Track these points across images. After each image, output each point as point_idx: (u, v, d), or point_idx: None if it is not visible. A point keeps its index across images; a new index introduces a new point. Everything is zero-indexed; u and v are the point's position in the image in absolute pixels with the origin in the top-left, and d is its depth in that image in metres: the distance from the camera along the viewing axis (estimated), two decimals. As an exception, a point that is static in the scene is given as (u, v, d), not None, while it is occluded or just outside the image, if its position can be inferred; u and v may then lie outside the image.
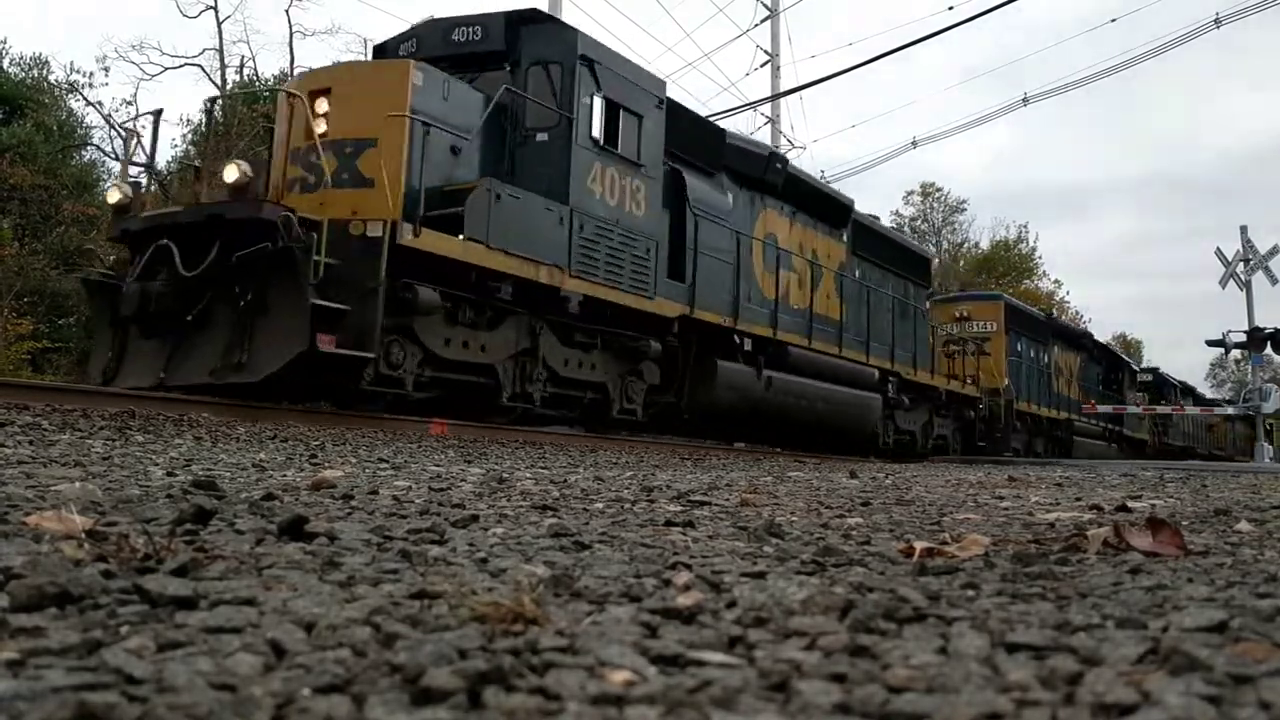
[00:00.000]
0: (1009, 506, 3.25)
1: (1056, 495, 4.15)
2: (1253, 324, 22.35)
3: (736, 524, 2.26)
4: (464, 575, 1.32)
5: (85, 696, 0.72)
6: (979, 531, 2.14)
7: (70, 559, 1.29)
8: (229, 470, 3.42)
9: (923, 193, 44.32)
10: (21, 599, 1.04)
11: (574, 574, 1.37)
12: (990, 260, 43.79)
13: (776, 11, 24.22)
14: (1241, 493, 4.64)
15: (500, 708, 0.75)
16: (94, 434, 4.76)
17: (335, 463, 4.41)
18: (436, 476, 3.72)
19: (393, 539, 1.69)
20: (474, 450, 6.84)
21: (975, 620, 1.09)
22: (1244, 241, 22.62)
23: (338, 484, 2.88)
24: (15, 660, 0.83)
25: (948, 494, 4.00)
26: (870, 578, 1.42)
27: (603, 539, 1.85)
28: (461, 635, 0.96)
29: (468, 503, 2.58)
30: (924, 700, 0.77)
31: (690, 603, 1.15)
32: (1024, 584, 1.37)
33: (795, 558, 1.66)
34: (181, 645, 0.90)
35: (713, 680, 0.82)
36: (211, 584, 1.17)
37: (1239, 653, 0.91)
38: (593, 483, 3.89)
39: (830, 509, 2.90)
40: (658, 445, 10.09)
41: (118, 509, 1.93)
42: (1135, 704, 0.76)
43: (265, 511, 2.00)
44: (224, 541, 1.54)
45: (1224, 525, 2.48)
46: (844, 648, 0.95)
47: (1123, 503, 3.35)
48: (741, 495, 3.36)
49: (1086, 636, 1.00)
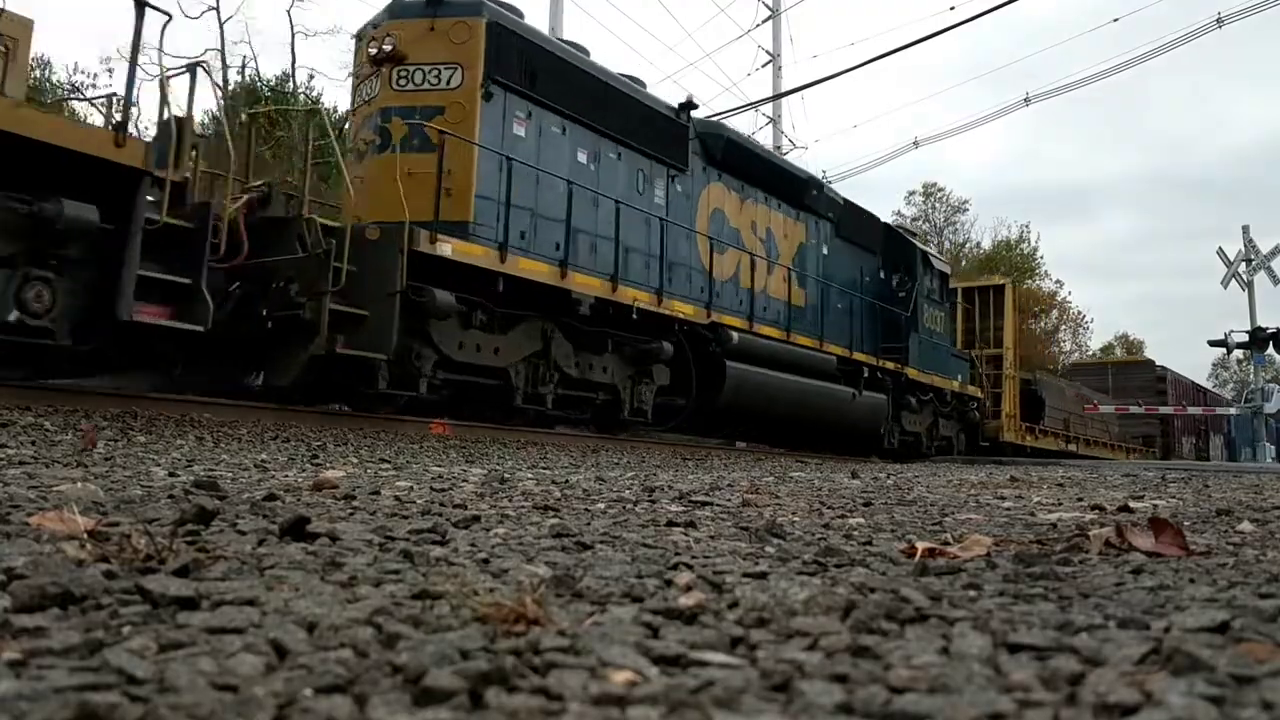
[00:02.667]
0: (1011, 507, 3.25)
1: (1058, 495, 4.15)
2: (1255, 324, 22.33)
3: (738, 524, 2.26)
4: (466, 576, 1.32)
5: (87, 697, 0.72)
6: (981, 532, 2.13)
7: (72, 559, 1.29)
8: (231, 470, 3.42)
9: (925, 193, 44.35)
10: (24, 599, 1.04)
11: (576, 574, 1.36)
12: (992, 260, 43.76)
13: (778, 11, 24.25)
14: (1244, 493, 4.64)
15: (502, 708, 0.75)
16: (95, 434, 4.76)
17: (337, 463, 4.42)
18: (438, 477, 3.73)
19: (394, 539, 1.69)
20: (475, 451, 6.84)
21: (977, 621, 1.09)
22: (1246, 241, 22.61)
23: (339, 484, 2.88)
24: (17, 660, 0.83)
25: (949, 494, 4.00)
26: (872, 578, 1.41)
27: (604, 539, 1.85)
28: (463, 636, 0.96)
29: (469, 503, 2.58)
30: (926, 701, 0.77)
31: (692, 603, 1.15)
32: (1026, 584, 1.37)
33: (797, 558, 1.66)
34: (183, 646, 0.90)
35: (715, 681, 0.82)
36: (213, 584, 1.17)
37: (1241, 653, 0.91)
38: (594, 483, 3.89)
39: (832, 509, 2.90)
40: (659, 445, 10.09)
41: (120, 509, 1.93)
42: (1137, 704, 0.76)
43: (267, 512, 2.00)
44: (226, 542, 1.54)
45: (1226, 525, 2.48)
46: (846, 648, 0.95)
47: (1125, 503, 3.35)
48: (743, 495, 3.36)
49: (1089, 637, 1.00)
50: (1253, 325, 22.14)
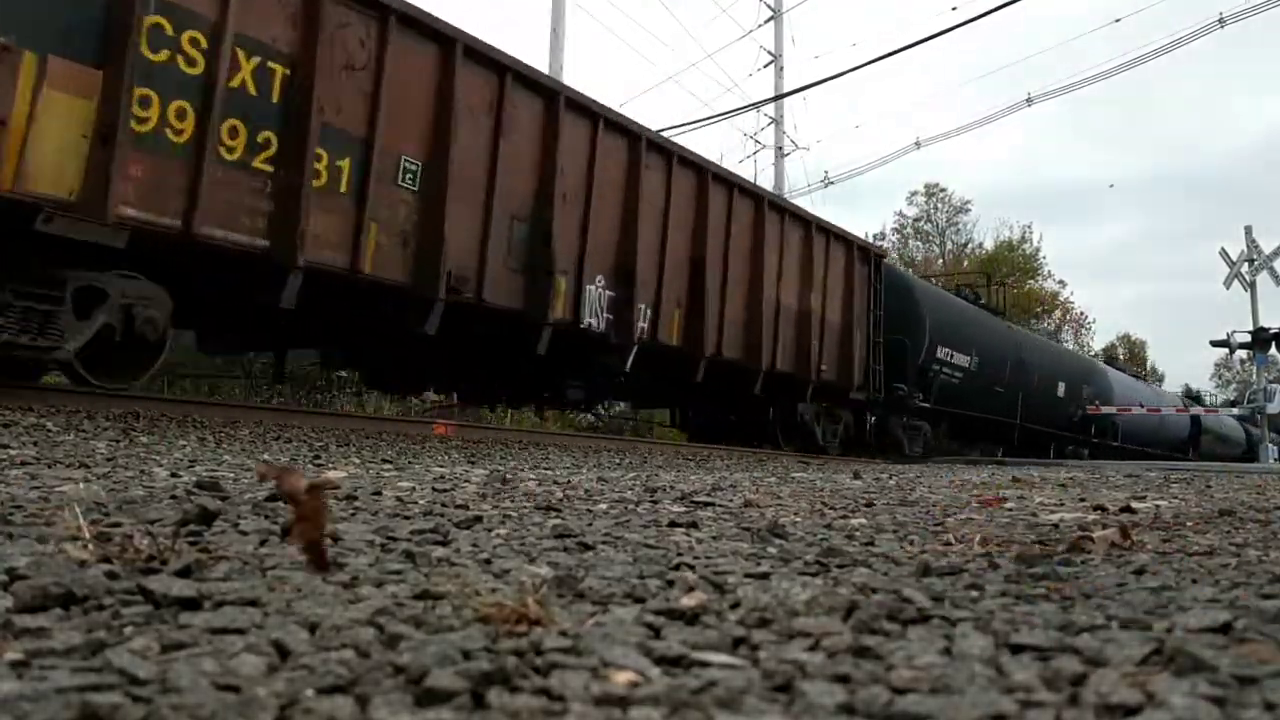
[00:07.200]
0: (1013, 507, 3.24)
1: (1060, 496, 4.14)
2: (1257, 324, 22.30)
3: (740, 525, 2.26)
4: (468, 576, 1.32)
5: (89, 697, 0.73)
6: (983, 532, 2.13)
7: (74, 560, 1.29)
8: (233, 471, 3.42)
9: (926, 193, 44.26)
10: (26, 600, 1.04)
11: (578, 575, 1.36)
12: (994, 260, 43.71)
13: (780, 12, 24.24)
14: (1246, 493, 4.64)
15: (504, 708, 0.75)
16: (98, 435, 4.76)
17: (339, 463, 4.42)
18: (440, 477, 3.73)
19: (396, 540, 1.69)
20: (477, 451, 6.85)
21: (979, 621, 1.09)
22: (1249, 242, 22.57)
23: (341, 484, 2.88)
24: (20, 661, 0.83)
25: (951, 495, 4.00)
26: (874, 578, 1.41)
27: (606, 540, 1.85)
28: (465, 636, 0.96)
29: (471, 504, 2.58)
30: (928, 701, 0.77)
31: (694, 604, 1.15)
32: (1028, 585, 1.37)
33: (799, 559, 1.66)
34: (185, 646, 0.90)
35: (716, 681, 0.82)
36: (215, 585, 1.17)
37: (1244, 654, 0.90)
38: (596, 484, 3.89)
39: (834, 510, 2.90)
40: (661, 446, 10.09)
41: (122, 510, 1.93)
42: (1140, 705, 0.76)
43: (269, 512, 2.00)
44: (228, 542, 1.54)
45: (1229, 526, 2.48)
46: (848, 648, 0.95)
47: (1127, 503, 3.35)
48: (745, 496, 3.35)
49: (1091, 637, 1.00)
50: (1255, 326, 22.09)
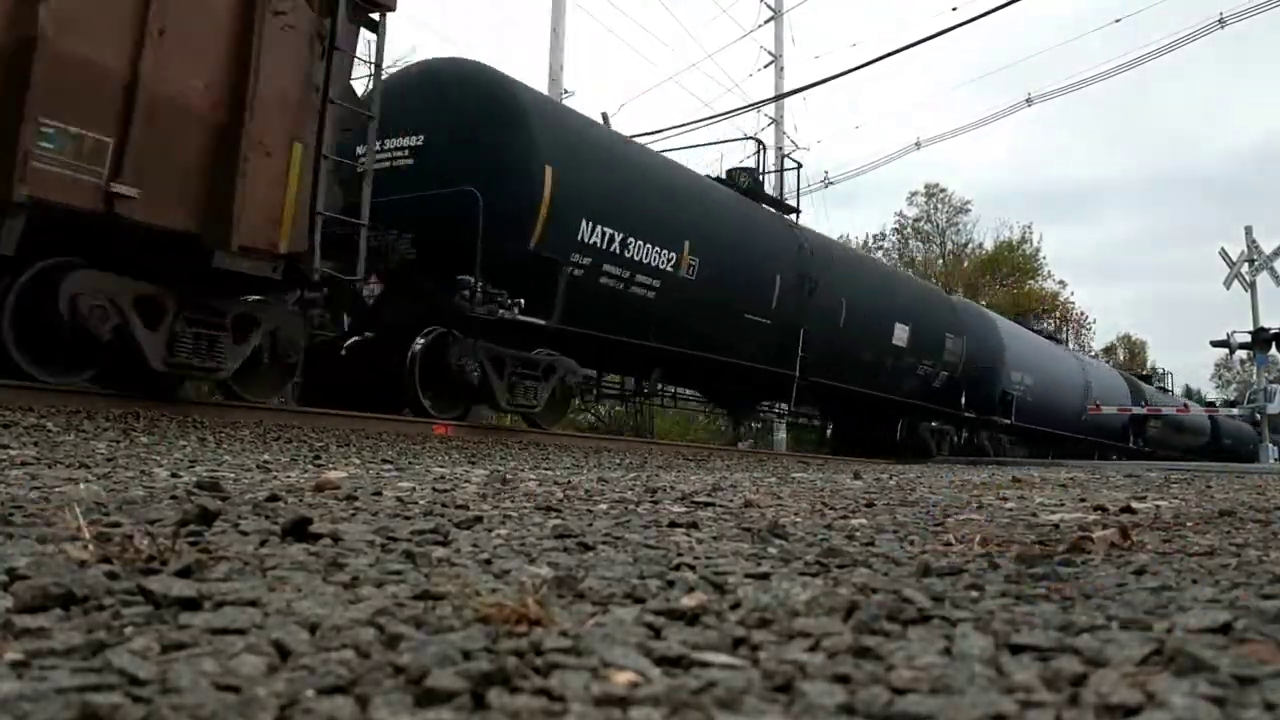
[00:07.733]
0: (1013, 508, 3.24)
1: (1060, 496, 4.14)
2: (1257, 324, 22.30)
3: (740, 525, 2.26)
4: (468, 576, 1.32)
5: (89, 698, 0.73)
6: (983, 533, 2.13)
7: (74, 560, 1.29)
8: (233, 471, 3.42)
9: (927, 193, 44.24)
10: (26, 600, 1.04)
11: (578, 575, 1.36)
12: (994, 260, 43.70)
13: (780, 12, 24.24)
14: (1247, 494, 4.63)
15: (504, 709, 0.75)
16: (98, 435, 4.77)
17: (339, 464, 4.42)
18: (440, 478, 3.73)
19: (397, 540, 1.69)
20: (478, 451, 6.85)
21: (979, 621, 1.09)
22: (1249, 242, 22.56)
23: (341, 485, 2.88)
24: (20, 661, 0.83)
25: (952, 495, 3.99)
26: (874, 579, 1.41)
27: (606, 540, 1.85)
28: (465, 636, 0.96)
29: (471, 504, 2.58)
30: (928, 701, 0.77)
31: (694, 604, 1.15)
32: (1028, 585, 1.37)
33: (799, 559, 1.66)
34: (186, 646, 0.90)
35: (716, 681, 0.82)
36: (215, 585, 1.17)
37: (1244, 654, 0.90)
38: (596, 484, 3.89)
39: (834, 510, 2.90)
40: (661, 446, 10.10)
41: (122, 510, 1.93)
42: (1140, 705, 0.76)
43: (269, 512, 2.00)
44: (228, 543, 1.55)
45: (1229, 526, 2.48)
46: (848, 649, 0.95)
47: (1127, 504, 3.35)
48: (745, 496, 3.35)
49: (1091, 638, 1.00)
50: (1255, 326, 22.08)
